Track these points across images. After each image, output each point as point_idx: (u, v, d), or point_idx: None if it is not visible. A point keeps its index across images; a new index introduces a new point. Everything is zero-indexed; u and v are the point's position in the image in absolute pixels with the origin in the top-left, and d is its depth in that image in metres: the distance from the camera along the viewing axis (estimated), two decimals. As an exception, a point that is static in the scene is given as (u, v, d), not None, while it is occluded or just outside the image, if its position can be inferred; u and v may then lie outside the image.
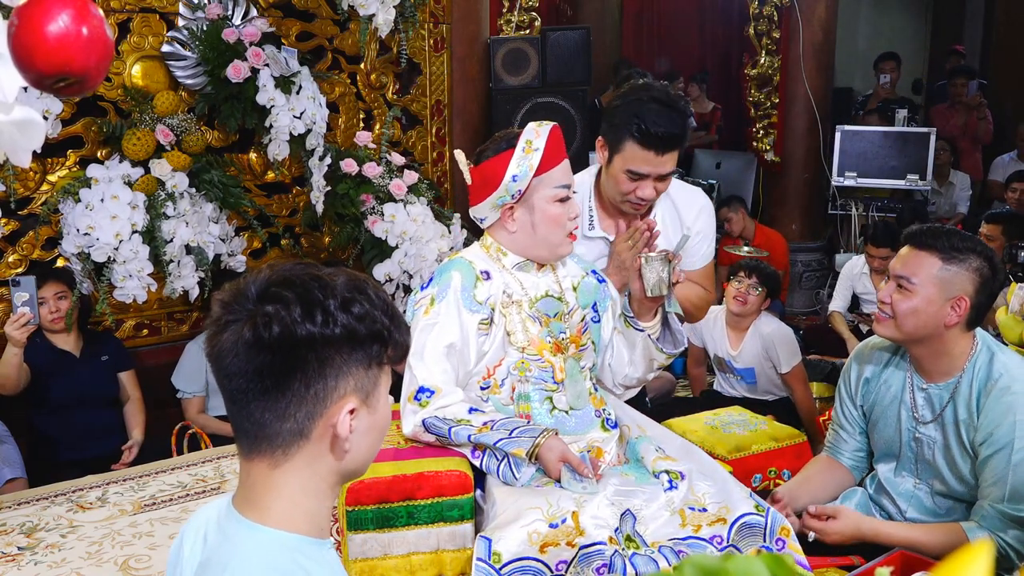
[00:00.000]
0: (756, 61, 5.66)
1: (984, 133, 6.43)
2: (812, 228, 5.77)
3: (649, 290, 1.95)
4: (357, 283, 1.07)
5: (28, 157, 1.16)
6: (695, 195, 2.42)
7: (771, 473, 2.66)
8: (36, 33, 1.03)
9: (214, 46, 3.45)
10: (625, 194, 2.18)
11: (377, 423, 1.10)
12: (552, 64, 4.37)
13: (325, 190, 3.64)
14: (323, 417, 1.04)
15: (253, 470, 1.06)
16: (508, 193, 1.92)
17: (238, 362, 1.01)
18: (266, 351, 1.00)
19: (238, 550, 1.04)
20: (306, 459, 1.05)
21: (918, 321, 1.93)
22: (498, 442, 1.78)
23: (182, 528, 1.17)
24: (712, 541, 1.74)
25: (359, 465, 1.11)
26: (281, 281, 1.03)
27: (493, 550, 1.62)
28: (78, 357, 3.20)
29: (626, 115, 2.11)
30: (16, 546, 2.44)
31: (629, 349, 2.08)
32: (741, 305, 3.50)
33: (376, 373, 1.08)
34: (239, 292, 1.03)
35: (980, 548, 0.49)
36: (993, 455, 1.89)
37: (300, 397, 1.02)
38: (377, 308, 1.06)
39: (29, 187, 3.34)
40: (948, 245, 1.92)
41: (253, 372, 1.01)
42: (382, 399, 1.10)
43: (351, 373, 1.04)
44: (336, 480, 1.09)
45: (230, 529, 1.07)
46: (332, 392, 1.03)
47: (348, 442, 1.05)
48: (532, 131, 1.93)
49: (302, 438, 1.04)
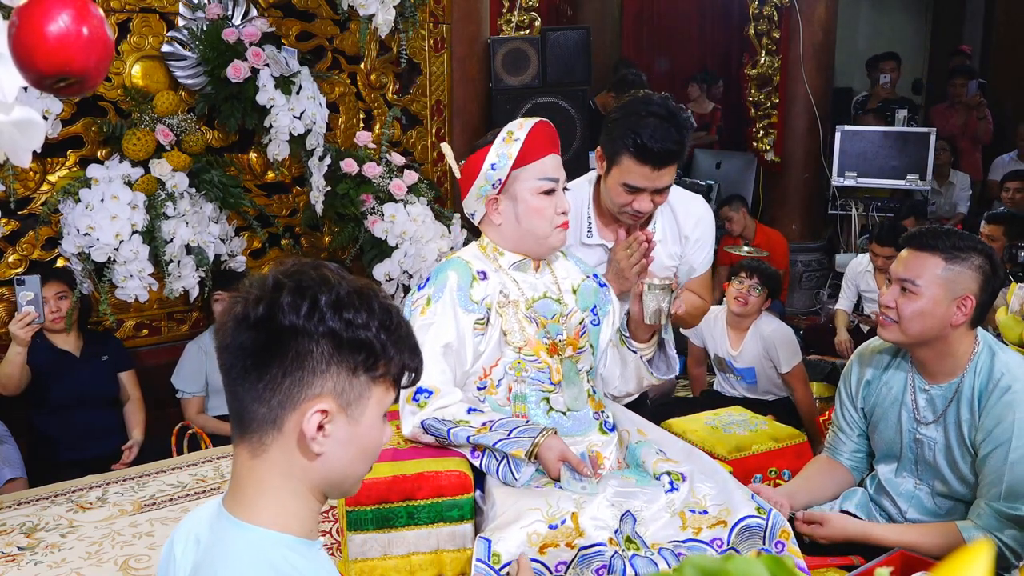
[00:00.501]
0: (756, 61, 5.66)
1: (983, 133, 6.42)
2: (812, 228, 5.77)
3: (648, 317, 1.94)
4: (363, 292, 1.07)
5: (28, 157, 1.16)
6: (694, 203, 2.39)
7: (771, 473, 2.66)
8: (36, 33, 1.03)
9: (214, 46, 3.45)
10: (622, 206, 2.17)
11: (360, 437, 1.08)
12: (552, 64, 4.37)
13: (325, 190, 3.64)
14: (296, 411, 1.04)
15: (238, 460, 1.08)
16: (488, 182, 1.92)
17: (227, 335, 1.06)
18: (250, 329, 1.03)
19: (229, 550, 1.04)
20: (281, 453, 1.06)
21: (925, 323, 1.93)
22: (497, 443, 1.77)
23: (172, 532, 1.17)
24: (712, 544, 1.74)
25: (339, 477, 1.09)
26: (290, 272, 1.07)
27: (492, 551, 1.61)
28: (78, 357, 3.20)
29: (623, 129, 2.09)
30: (16, 546, 2.44)
31: (621, 366, 2.08)
32: (742, 305, 3.50)
33: (364, 384, 1.07)
34: (262, 277, 1.07)
35: (980, 548, 0.49)
36: (991, 453, 1.89)
37: (276, 384, 1.03)
38: (375, 319, 1.06)
39: (29, 187, 3.34)
40: (949, 245, 1.92)
41: (237, 348, 1.05)
42: (369, 414, 1.08)
43: (330, 374, 1.04)
44: (315, 485, 1.08)
45: (221, 529, 1.07)
46: (307, 387, 1.04)
47: (317, 444, 1.04)
48: (516, 124, 1.94)
49: (275, 428, 1.05)
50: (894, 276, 1.98)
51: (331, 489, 1.11)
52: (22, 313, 2.89)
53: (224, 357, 1.07)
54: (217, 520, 1.09)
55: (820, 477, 2.23)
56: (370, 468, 1.14)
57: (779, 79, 5.58)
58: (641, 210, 2.16)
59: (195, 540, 1.11)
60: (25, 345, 2.95)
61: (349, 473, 1.10)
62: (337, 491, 1.12)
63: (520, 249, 1.98)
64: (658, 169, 2.09)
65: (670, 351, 2.08)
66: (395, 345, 1.08)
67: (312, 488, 1.08)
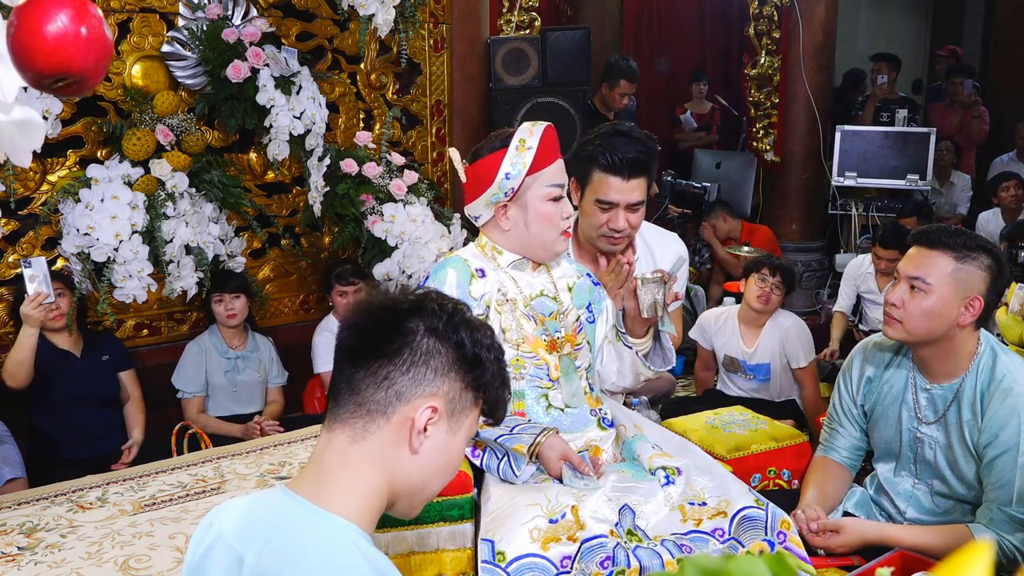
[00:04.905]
0: (756, 61, 5.66)
1: (978, 132, 6.42)
2: (812, 228, 5.76)
3: (644, 311, 1.99)
4: (488, 325, 1.22)
5: (28, 157, 1.17)
6: (670, 240, 2.54)
7: (771, 473, 2.65)
8: (35, 33, 1.03)
9: (214, 46, 3.45)
10: (598, 227, 2.28)
11: (451, 450, 1.15)
12: (552, 64, 4.37)
13: (324, 191, 3.64)
14: (409, 404, 1.10)
15: (331, 444, 1.11)
16: (501, 191, 1.94)
17: (363, 315, 1.15)
18: (394, 314, 1.13)
19: (316, 537, 1.04)
20: (380, 443, 1.10)
21: (932, 322, 1.91)
22: (499, 438, 1.78)
23: (202, 530, 1.14)
24: (714, 534, 1.74)
25: (420, 484, 1.14)
26: (436, 289, 1.24)
27: (497, 550, 1.62)
28: (79, 357, 3.20)
29: (592, 148, 2.24)
30: (16, 546, 2.43)
31: (618, 361, 2.10)
32: (764, 304, 3.51)
33: (470, 400, 1.16)
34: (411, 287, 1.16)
35: (980, 548, 0.49)
36: (998, 457, 1.88)
37: (400, 373, 1.10)
38: (494, 349, 1.18)
39: (29, 187, 3.34)
40: (960, 243, 1.90)
41: (372, 327, 1.13)
42: (464, 431, 1.16)
43: (448, 379, 1.13)
44: (397, 484, 1.12)
45: (296, 515, 1.06)
46: (426, 384, 1.11)
47: (420, 440, 1.10)
48: (526, 130, 1.95)
49: (384, 417, 1.10)
50: (902, 274, 1.96)
51: (406, 495, 1.15)
52: (32, 294, 2.91)
53: (352, 336, 1.14)
54: (287, 506, 1.08)
55: (833, 487, 2.19)
56: (439, 490, 1.19)
57: (779, 79, 5.58)
58: (617, 228, 2.25)
59: (252, 529, 1.07)
60: (38, 326, 2.97)
61: (428, 483, 1.16)
62: (407, 501, 1.16)
63: (523, 253, 2.00)
64: (628, 179, 2.22)
65: (666, 343, 2.11)
66: (499, 375, 1.19)
67: (392, 487, 1.12)
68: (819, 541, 1.99)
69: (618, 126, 2.32)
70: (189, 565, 1.14)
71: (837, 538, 1.99)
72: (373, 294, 1.19)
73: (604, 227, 2.26)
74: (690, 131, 7.05)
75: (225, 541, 1.09)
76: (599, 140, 2.24)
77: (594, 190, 2.24)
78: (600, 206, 2.24)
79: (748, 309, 3.57)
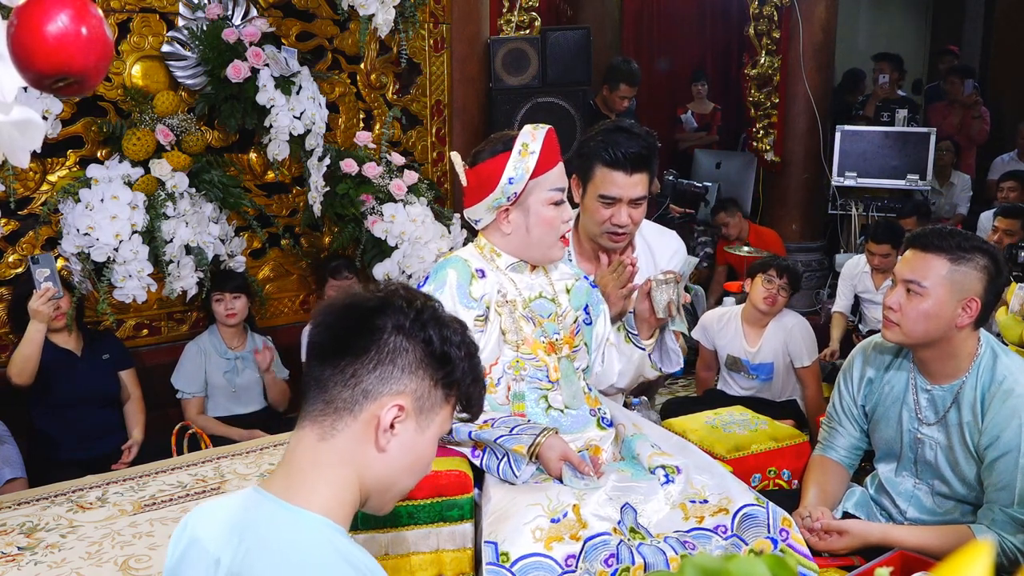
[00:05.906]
0: (756, 61, 5.66)
1: (978, 132, 6.41)
2: (812, 228, 5.76)
3: (659, 312, 2.01)
4: (459, 321, 1.21)
5: (27, 157, 1.17)
6: (669, 238, 2.54)
7: (770, 473, 2.65)
8: (35, 33, 1.03)
9: (214, 46, 3.45)
10: (601, 223, 2.27)
11: (419, 448, 1.15)
12: (552, 64, 4.37)
13: (324, 190, 3.64)
14: (376, 402, 1.10)
15: (302, 443, 1.11)
16: (504, 196, 1.94)
17: (332, 314, 1.15)
18: (360, 314, 1.13)
19: (289, 535, 1.04)
20: (348, 441, 1.10)
21: (929, 325, 1.91)
22: (499, 438, 1.78)
23: (177, 534, 1.15)
24: (716, 531, 1.74)
25: (389, 481, 1.14)
26: (405, 286, 1.21)
27: (501, 551, 1.62)
28: (79, 356, 3.20)
29: (594, 144, 2.24)
30: (16, 546, 2.44)
31: (623, 362, 2.11)
32: (770, 305, 3.52)
33: (440, 398, 1.15)
34: (384, 281, 1.16)
35: (980, 548, 0.49)
36: (999, 459, 1.88)
37: (366, 371, 1.10)
38: (464, 345, 1.17)
39: (29, 187, 3.34)
40: (954, 245, 1.90)
41: (340, 326, 1.13)
42: (433, 429, 1.16)
43: (416, 377, 1.12)
44: (367, 481, 1.12)
45: (268, 513, 1.07)
46: (393, 382, 1.11)
47: (385, 438, 1.10)
48: (528, 134, 1.95)
49: (351, 415, 1.10)
50: (899, 277, 1.97)
51: (376, 493, 1.15)
52: (41, 289, 2.93)
53: (321, 334, 1.14)
54: (259, 505, 1.08)
55: (833, 487, 2.19)
56: (411, 487, 1.19)
57: (779, 79, 5.57)
58: (620, 223, 2.25)
59: (226, 530, 1.08)
60: (46, 321, 2.99)
61: (397, 480, 1.16)
62: (378, 498, 1.16)
63: (522, 256, 2.01)
64: (631, 175, 2.21)
65: (671, 344, 2.12)
66: (471, 372, 1.18)
67: (362, 484, 1.12)
68: (822, 545, 1.99)
69: (619, 122, 2.32)
70: (167, 570, 1.14)
71: (841, 540, 1.99)
72: (344, 292, 1.19)
73: (607, 223, 2.26)
74: (691, 131, 7.05)
75: (200, 544, 1.09)
76: (601, 136, 2.24)
77: (597, 186, 2.24)
78: (603, 202, 2.24)
79: (753, 309, 3.57)
